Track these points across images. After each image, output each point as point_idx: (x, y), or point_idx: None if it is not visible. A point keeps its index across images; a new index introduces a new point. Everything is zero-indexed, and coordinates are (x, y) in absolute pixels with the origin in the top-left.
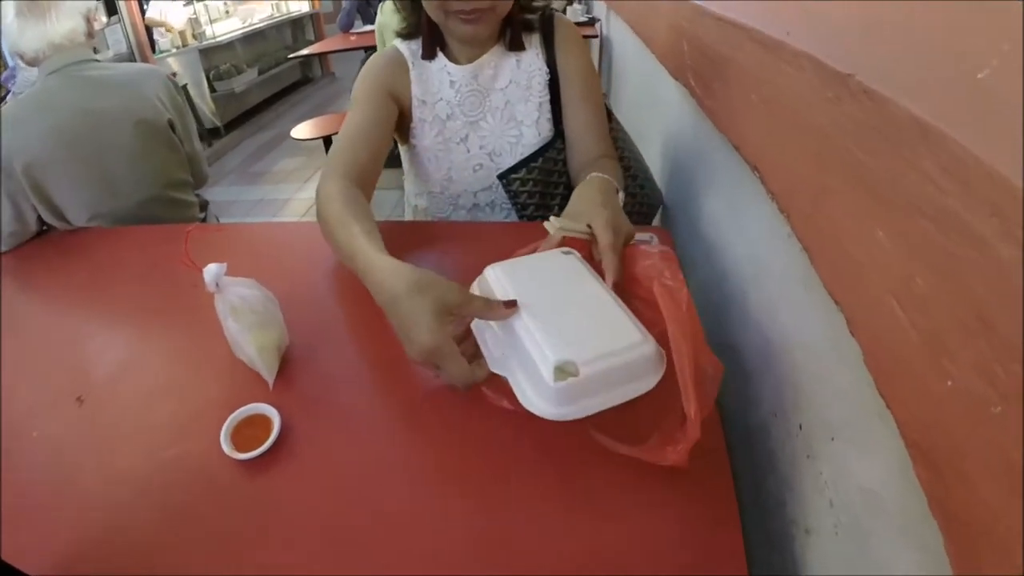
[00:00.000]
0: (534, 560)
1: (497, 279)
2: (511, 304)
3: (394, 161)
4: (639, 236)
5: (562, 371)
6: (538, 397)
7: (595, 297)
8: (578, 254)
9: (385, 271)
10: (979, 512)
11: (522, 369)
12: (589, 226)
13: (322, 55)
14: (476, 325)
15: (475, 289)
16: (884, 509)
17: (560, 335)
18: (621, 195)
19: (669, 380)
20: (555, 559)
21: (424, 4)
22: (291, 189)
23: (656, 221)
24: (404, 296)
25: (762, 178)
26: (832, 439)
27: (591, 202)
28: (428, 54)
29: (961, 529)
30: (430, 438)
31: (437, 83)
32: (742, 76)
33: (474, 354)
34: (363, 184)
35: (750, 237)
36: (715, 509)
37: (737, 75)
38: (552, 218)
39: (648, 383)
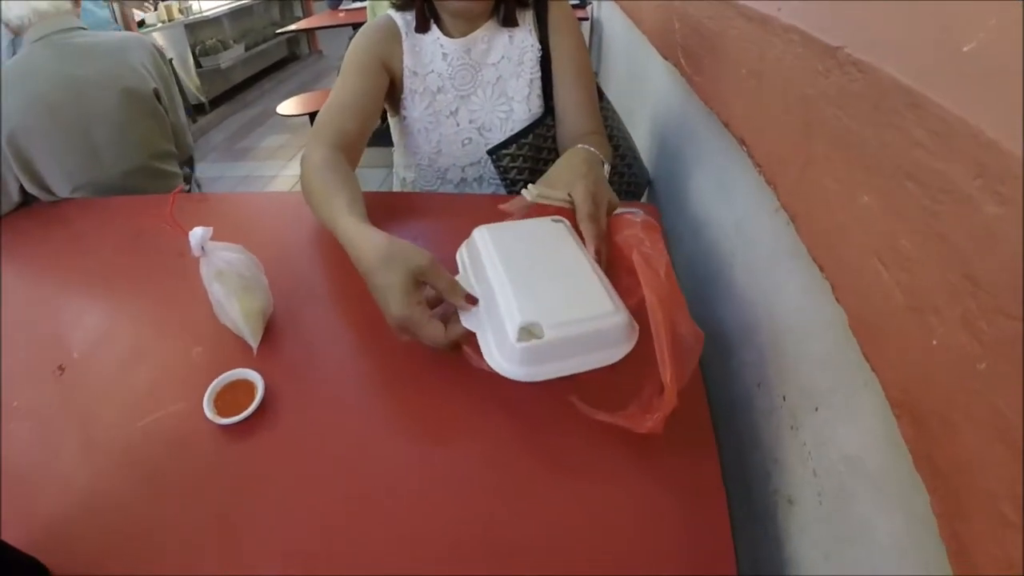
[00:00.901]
0: (518, 527)
1: (483, 240)
2: (473, 300)
3: (381, 140)
4: (625, 210)
5: (527, 332)
6: (502, 355)
7: (575, 265)
8: (567, 223)
9: (360, 245)
10: (965, 465)
11: (491, 326)
12: (570, 195)
13: (310, 32)
14: (458, 280)
15: (463, 250)
16: (867, 476)
17: (532, 298)
18: (607, 167)
19: (650, 348)
20: (537, 525)
21: None
22: (276, 166)
23: (643, 199)
24: (375, 269)
25: (749, 151)
26: (816, 409)
27: (573, 171)
28: (422, 27)
29: (947, 485)
30: (414, 404)
31: (429, 55)
32: (731, 51)
33: (453, 314)
34: (349, 153)
35: (735, 212)
36: (700, 482)
37: (726, 50)
38: (530, 186)
39: (617, 353)
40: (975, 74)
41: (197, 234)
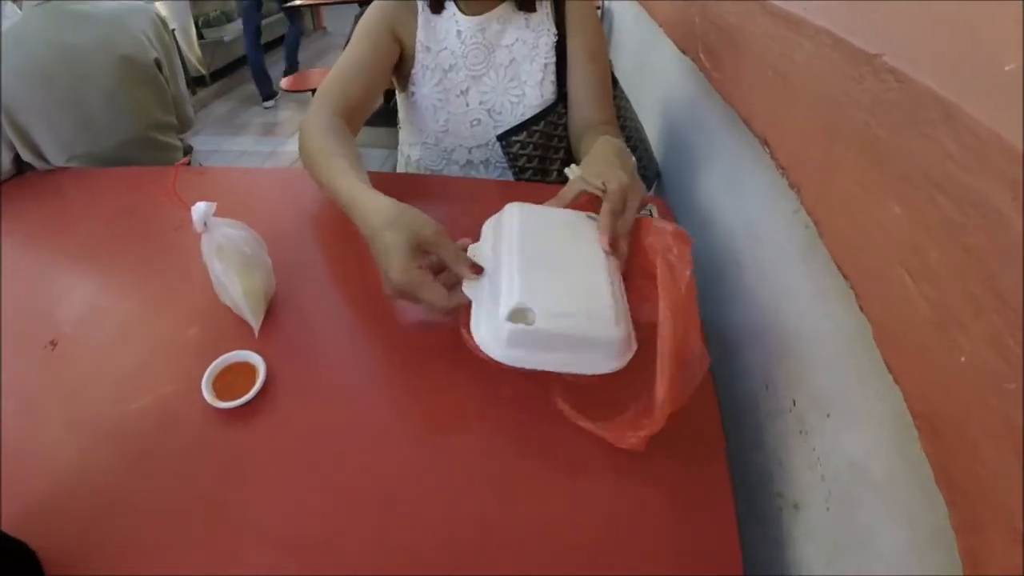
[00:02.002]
0: (519, 524)
1: (511, 216)
2: (478, 269)
3: (383, 119)
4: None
5: (520, 314)
6: (488, 331)
7: (593, 266)
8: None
9: (365, 206)
10: (986, 482)
11: (488, 300)
12: (604, 184)
13: (315, 8)
14: (472, 249)
15: (491, 221)
16: (874, 485)
17: (536, 284)
18: (632, 161)
19: (653, 360)
20: (539, 522)
21: None
22: (276, 141)
23: (651, 192)
24: (380, 232)
25: (771, 152)
26: (828, 415)
27: (610, 163)
28: (436, 7)
29: (965, 499)
30: (417, 391)
31: (444, 32)
32: (756, 49)
33: (455, 284)
34: (351, 120)
35: (748, 211)
36: (706, 481)
37: (751, 48)
38: (573, 166)
39: (606, 366)
40: (1014, 93)
41: (200, 209)
